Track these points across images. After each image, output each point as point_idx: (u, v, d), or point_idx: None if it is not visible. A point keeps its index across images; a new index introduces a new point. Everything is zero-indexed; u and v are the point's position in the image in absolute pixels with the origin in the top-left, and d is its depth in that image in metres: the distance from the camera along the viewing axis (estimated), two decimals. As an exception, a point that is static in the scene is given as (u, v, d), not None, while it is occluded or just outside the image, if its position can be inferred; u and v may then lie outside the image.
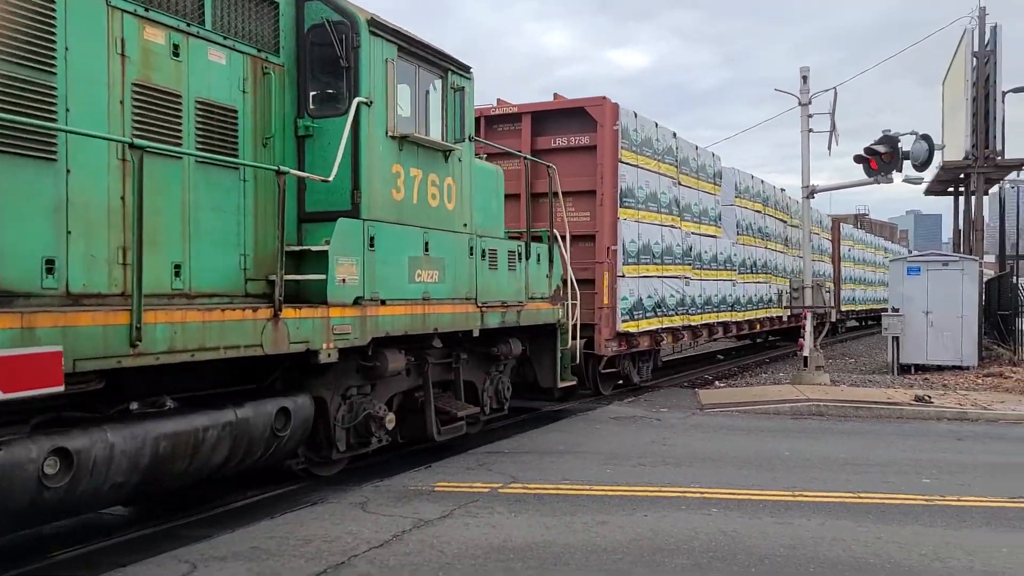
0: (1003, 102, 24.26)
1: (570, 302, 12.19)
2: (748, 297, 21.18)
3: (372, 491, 8.03)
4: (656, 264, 15.85)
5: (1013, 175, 29.86)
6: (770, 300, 23.01)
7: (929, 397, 14.18)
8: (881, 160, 16.08)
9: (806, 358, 16.71)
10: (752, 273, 21.65)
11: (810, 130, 17.45)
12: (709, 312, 18.42)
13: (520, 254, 10.96)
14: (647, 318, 15.48)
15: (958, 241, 28.61)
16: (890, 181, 16.37)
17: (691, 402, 14.61)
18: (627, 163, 14.74)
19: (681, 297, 16.84)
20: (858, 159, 16.35)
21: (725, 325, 19.81)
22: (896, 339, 18.92)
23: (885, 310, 19.91)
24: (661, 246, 16.06)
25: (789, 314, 22.76)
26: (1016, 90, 26.84)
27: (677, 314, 16.69)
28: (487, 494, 7.93)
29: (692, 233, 17.61)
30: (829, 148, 17.61)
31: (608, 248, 14.41)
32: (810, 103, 17.38)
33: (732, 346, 26.60)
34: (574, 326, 12.30)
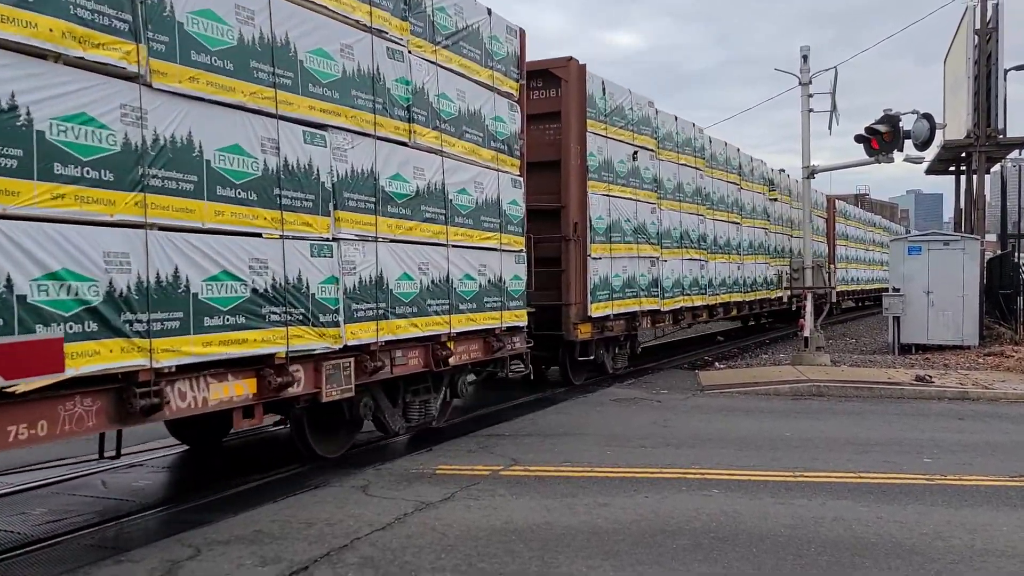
0: (1005, 80, 24.08)
1: None
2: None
3: (374, 474, 8.05)
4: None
5: (1015, 153, 29.72)
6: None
7: (930, 377, 14.20)
8: (882, 139, 16.03)
9: (807, 339, 16.71)
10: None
11: (810, 110, 17.39)
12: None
13: None
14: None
15: (959, 220, 28.52)
16: (891, 160, 16.32)
17: (691, 383, 14.62)
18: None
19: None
20: (859, 139, 16.29)
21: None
22: (897, 319, 18.91)
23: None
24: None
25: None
26: (1018, 67, 26.65)
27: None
28: (488, 476, 7.95)
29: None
30: (830, 128, 17.58)
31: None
32: (810, 83, 17.30)
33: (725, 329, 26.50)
34: None
